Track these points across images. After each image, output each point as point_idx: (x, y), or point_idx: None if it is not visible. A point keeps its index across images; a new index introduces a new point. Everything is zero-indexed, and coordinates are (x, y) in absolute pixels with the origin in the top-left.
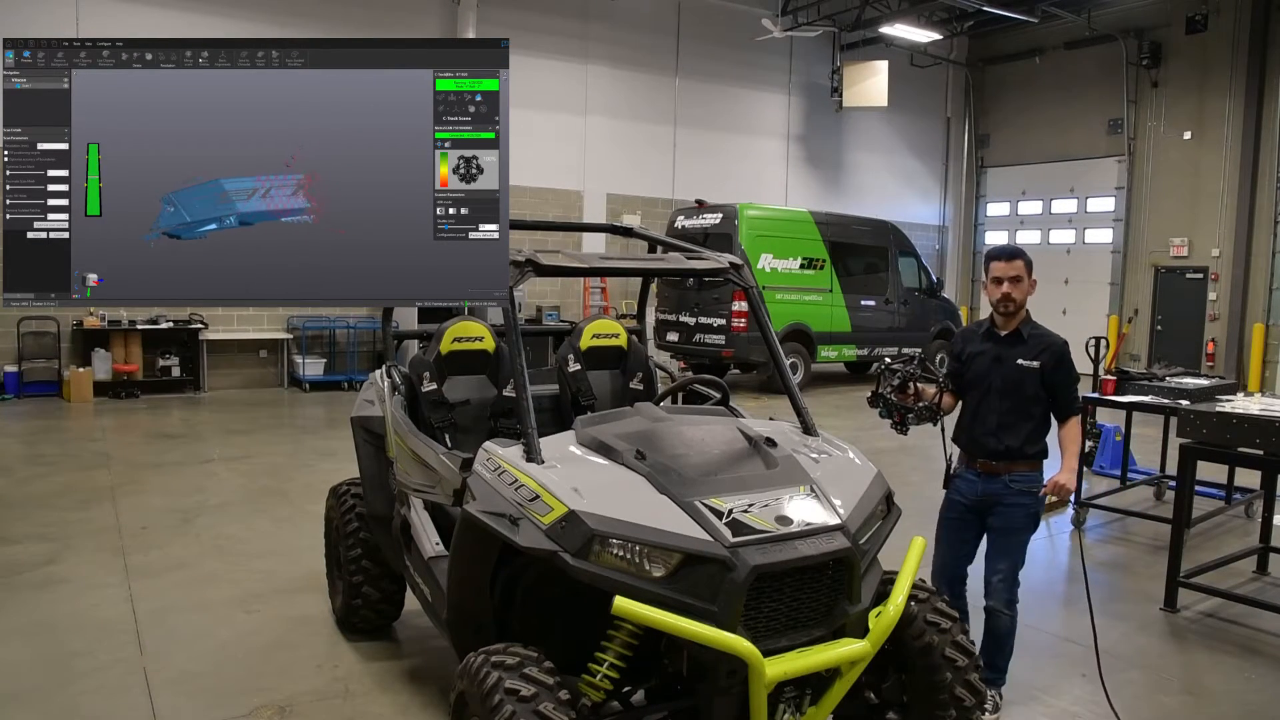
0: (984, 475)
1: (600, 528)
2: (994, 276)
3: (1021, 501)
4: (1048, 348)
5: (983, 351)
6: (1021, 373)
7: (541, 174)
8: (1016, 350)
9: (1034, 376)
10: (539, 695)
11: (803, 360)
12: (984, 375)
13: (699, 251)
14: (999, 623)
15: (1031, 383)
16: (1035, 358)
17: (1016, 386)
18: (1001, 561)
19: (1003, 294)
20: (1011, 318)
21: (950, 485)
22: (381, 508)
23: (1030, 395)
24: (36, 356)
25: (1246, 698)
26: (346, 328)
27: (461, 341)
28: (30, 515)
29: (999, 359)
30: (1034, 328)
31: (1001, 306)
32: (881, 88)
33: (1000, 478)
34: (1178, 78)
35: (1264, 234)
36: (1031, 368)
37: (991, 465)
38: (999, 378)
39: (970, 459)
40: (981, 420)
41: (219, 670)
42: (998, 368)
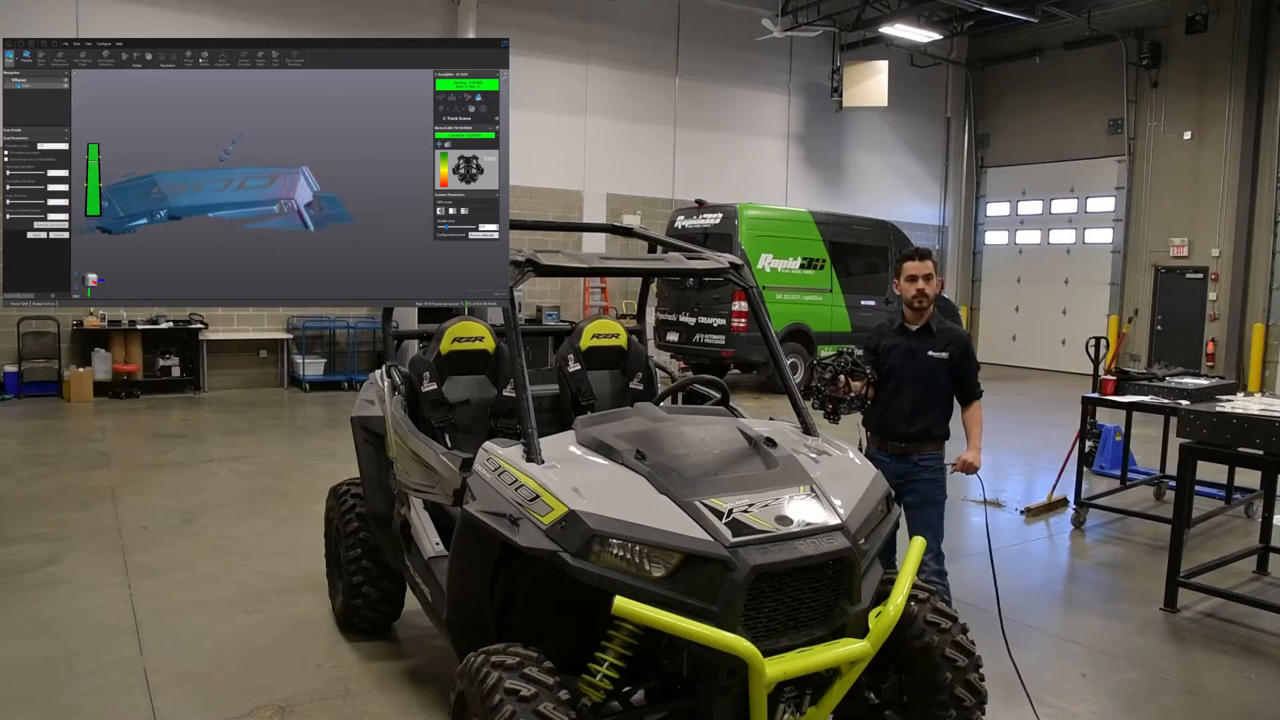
0: (895, 457)
1: (600, 528)
2: (909, 275)
3: (932, 477)
4: (954, 339)
5: (896, 345)
6: (933, 363)
7: (541, 174)
8: (927, 343)
9: (943, 365)
10: (539, 695)
11: (803, 360)
12: (898, 366)
13: (699, 251)
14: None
15: (941, 371)
16: (944, 349)
17: (928, 375)
18: (925, 532)
19: (917, 290)
20: (923, 313)
21: None
22: (381, 508)
23: (940, 383)
24: (36, 356)
25: (1246, 698)
26: (346, 328)
27: (461, 341)
28: (30, 515)
29: (911, 351)
30: (940, 322)
31: (916, 302)
32: (881, 88)
33: (910, 458)
34: (1178, 78)
35: (1264, 234)
36: (941, 358)
37: (902, 447)
38: (912, 368)
39: (882, 442)
40: (895, 407)
41: (219, 670)
42: (911, 359)
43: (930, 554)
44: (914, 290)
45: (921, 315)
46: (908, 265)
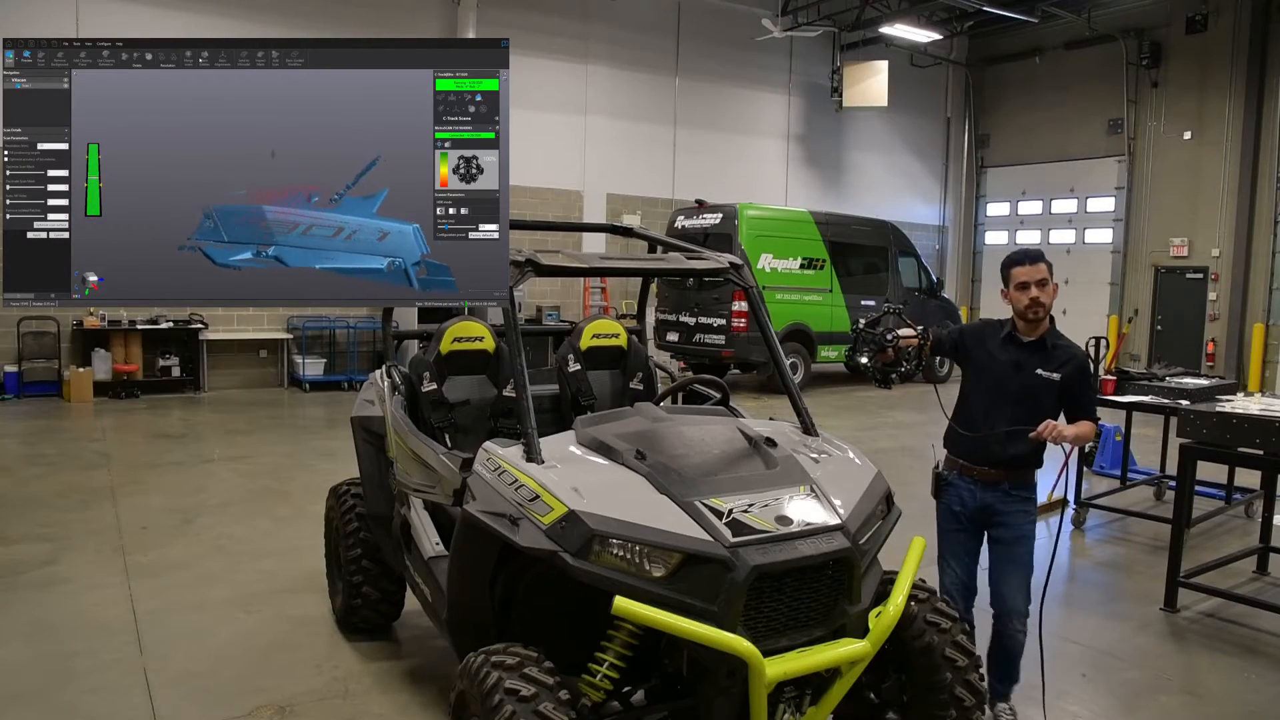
0: (981, 484)
1: (600, 528)
2: (1019, 282)
3: (1024, 508)
4: (1070, 360)
5: (1001, 356)
6: (1041, 383)
7: (541, 174)
8: (1038, 359)
9: (1053, 389)
10: (539, 695)
11: (803, 360)
12: (1000, 382)
13: (699, 251)
14: (1016, 637)
15: (1050, 395)
16: (1057, 369)
17: (1033, 396)
18: (1014, 572)
19: (1031, 299)
20: (1038, 324)
21: (943, 494)
22: (381, 508)
23: (1046, 407)
24: (36, 356)
25: (1246, 698)
26: (346, 328)
27: (461, 341)
28: (30, 515)
29: (1019, 366)
30: (1058, 338)
31: (1030, 313)
32: (881, 88)
33: (1000, 485)
34: (1178, 78)
35: (1264, 234)
36: (1052, 379)
37: (992, 474)
38: (1016, 385)
39: (966, 466)
40: (990, 427)
41: (219, 670)
42: (1016, 375)
43: (1019, 591)
44: (1026, 300)
45: (1036, 327)
46: (1017, 271)
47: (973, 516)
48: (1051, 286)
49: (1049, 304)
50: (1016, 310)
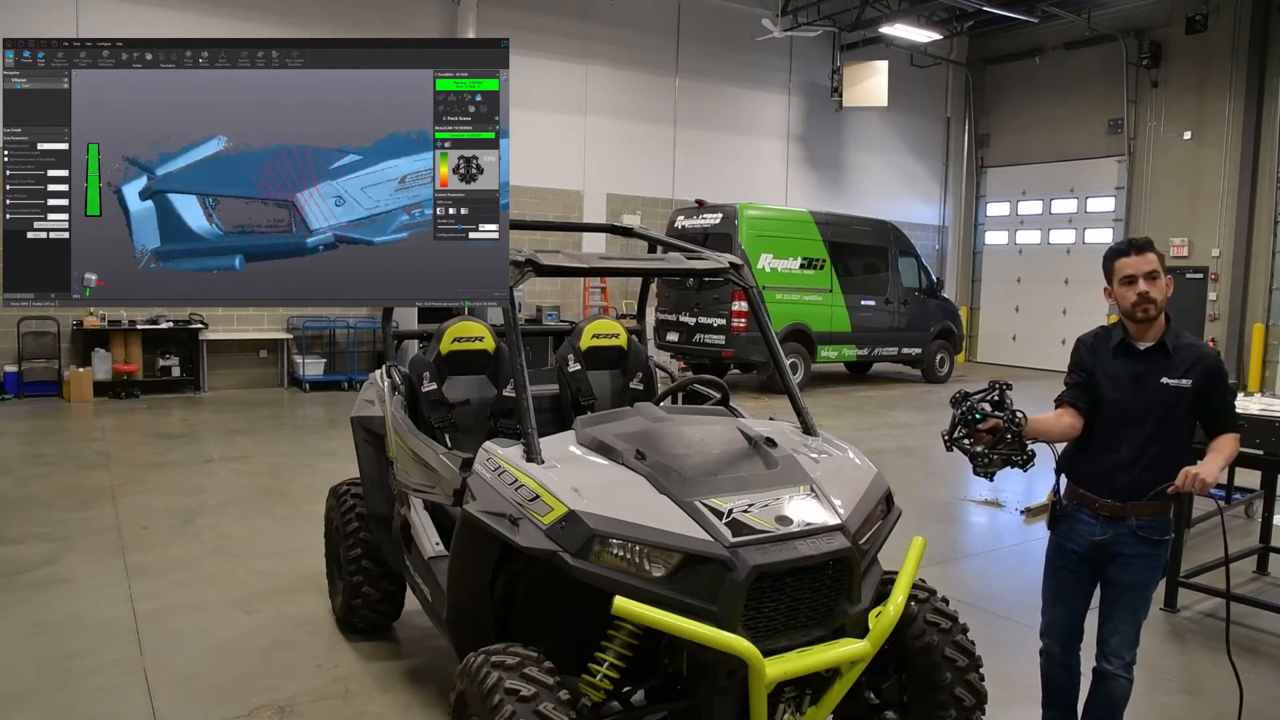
0: (1106, 519)
1: (600, 528)
2: (1125, 275)
3: (1152, 552)
4: (1199, 360)
5: (1116, 371)
6: (1169, 394)
7: (541, 174)
8: (1160, 366)
9: (1185, 398)
10: (539, 695)
11: (803, 360)
12: (1119, 398)
13: (699, 251)
14: (1116, 687)
15: (1182, 406)
16: (1185, 375)
17: (1162, 410)
18: (1124, 619)
19: (1139, 294)
20: (1150, 325)
21: (1058, 527)
22: (381, 508)
23: (1177, 420)
24: (36, 356)
25: (1247, 697)
26: (346, 328)
27: (461, 341)
28: (30, 515)
29: (1138, 379)
30: (1179, 337)
31: (1140, 311)
32: (881, 88)
33: (1126, 521)
34: (1178, 78)
35: (1264, 234)
36: (1182, 388)
37: (1117, 506)
38: (1139, 401)
39: (1088, 497)
40: (1112, 451)
41: (219, 670)
42: (1137, 389)
43: (1124, 641)
44: (1134, 296)
45: (1150, 328)
46: (1122, 263)
47: (1088, 554)
48: (1165, 281)
49: (1162, 301)
50: (1124, 310)
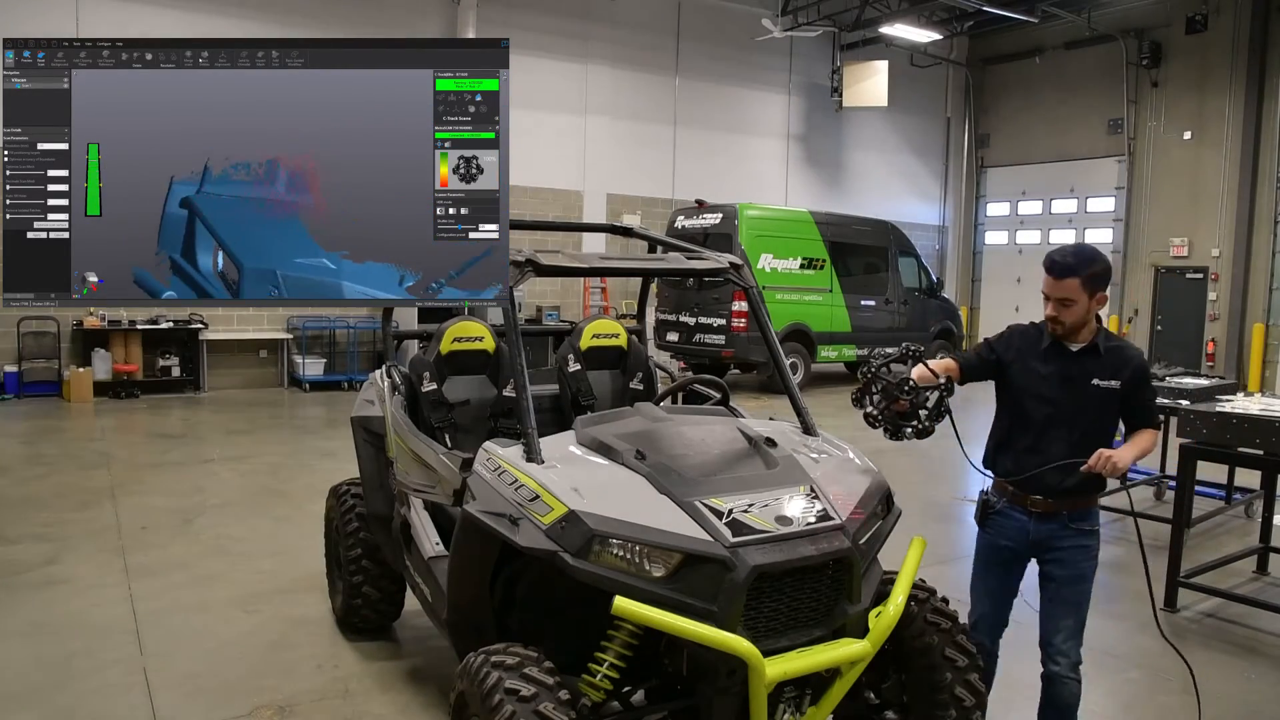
0: (1039, 515)
1: (600, 528)
2: (1042, 290)
3: (1085, 543)
4: (1127, 363)
5: (1047, 372)
6: (1100, 395)
7: (541, 174)
8: (1092, 369)
9: (1114, 399)
10: (539, 695)
11: (803, 360)
12: (1049, 399)
13: (699, 251)
14: (1065, 689)
15: (1110, 405)
16: (1114, 376)
17: (1092, 411)
18: (1067, 616)
19: (1047, 316)
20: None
21: (988, 523)
22: (381, 508)
23: (1106, 419)
24: (36, 356)
25: (1246, 698)
26: (346, 328)
27: (461, 341)
28: (30, 515)
29: (1069, 379)
30: (1110, 339)
31: (1050, 325)
32: (881, 87)
33: (1059, 516)
34: (1178, 78)
35: (1264, 234)
36: (1111, 389)
37: (1049, 504)
38: (1070, 403)
39: (1019, 495)
40: (1043, 452)
41: (219, 670)
42: (1069, 390)
43: (1070, 639)
44: (1047, 309)
45: (1076, 332)
46: (1045, 278)
47: (1021, 550)
48: (1086, 304)
49: (1073, 322)
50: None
